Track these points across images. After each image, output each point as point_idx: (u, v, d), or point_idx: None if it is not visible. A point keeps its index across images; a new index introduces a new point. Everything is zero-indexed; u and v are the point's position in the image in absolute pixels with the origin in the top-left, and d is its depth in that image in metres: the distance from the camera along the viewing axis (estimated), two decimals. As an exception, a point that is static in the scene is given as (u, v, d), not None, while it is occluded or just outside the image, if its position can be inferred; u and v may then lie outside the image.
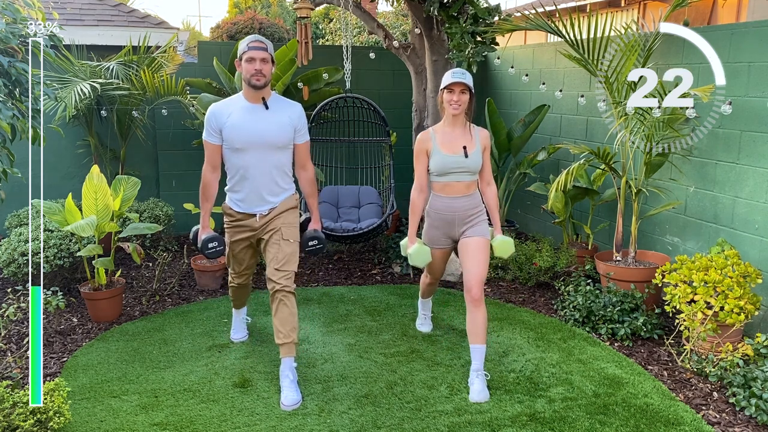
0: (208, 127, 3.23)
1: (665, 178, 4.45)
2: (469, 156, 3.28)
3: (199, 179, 3.43)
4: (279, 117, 3.21)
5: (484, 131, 3.40)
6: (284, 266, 3.18)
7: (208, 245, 3.26)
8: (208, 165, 3.30)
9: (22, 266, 4.19)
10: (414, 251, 3.38)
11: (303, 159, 3.39)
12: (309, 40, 5.17)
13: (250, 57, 3.12)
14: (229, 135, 3.18)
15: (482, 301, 3.19)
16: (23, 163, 3.50)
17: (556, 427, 2.87)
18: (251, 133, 3.16)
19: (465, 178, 3.33)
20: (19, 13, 2.93)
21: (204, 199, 3.34)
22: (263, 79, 3.13)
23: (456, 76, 3.20)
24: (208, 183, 3.32)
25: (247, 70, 3.13)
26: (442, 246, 3.47)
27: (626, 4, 10.03)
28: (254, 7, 16.82)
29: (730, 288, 3.38)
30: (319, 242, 3.35)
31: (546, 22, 4.22)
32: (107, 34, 6.15)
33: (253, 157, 3.19)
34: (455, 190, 3.35)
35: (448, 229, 3.40)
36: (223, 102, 3.26)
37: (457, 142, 3.30)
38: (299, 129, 3.29)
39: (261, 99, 3.20)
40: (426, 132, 3.37)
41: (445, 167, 3.29)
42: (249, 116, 3.18)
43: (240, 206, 3.29)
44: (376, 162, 6.03)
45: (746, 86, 3.81)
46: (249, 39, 3.18)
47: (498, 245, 3.41)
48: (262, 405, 3.06)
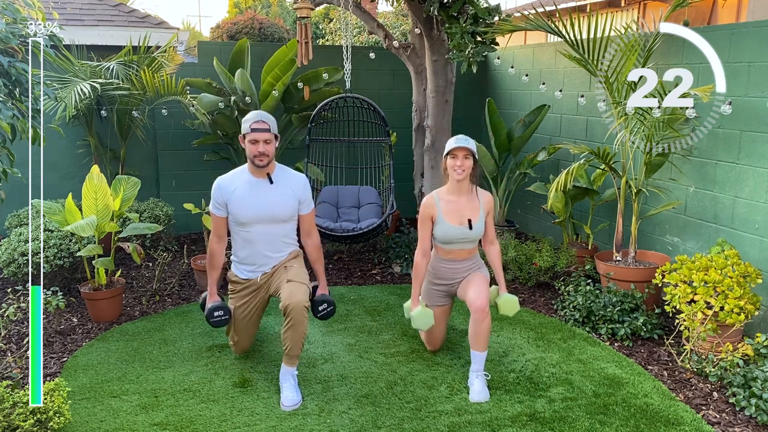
0: (213, 200, 3.27)
1: (665, 178, 4.45)
2: (474, 227, 3.30)
3: (199, 179, 3.44)
4: (283, 191, 3.25)
5: (488, 195, 3.41)
6: (296, 278, 3.18)
7: (214, 314, 3.28)
8: (214, 236, 3.34)
9: (22, 266, 4.19)
10: (417, 314, 3.37)
11: (308, 228, 3.42)
12: (309, 40, 5.17)
13: (253, 139, 3.14)
14: (234, 210, 3.22)
15: (488, 312, 3.18)
16: (23, 163, 3.50)
17: (556, 427, 2.87)
18: (256, 208, 3.20)
19: (468, 246, 3.38)
20: (19, 13, 2.93)
21: (211, 267, 3.39)
22: (266, 160, 3.17)
23: (459, 141, 3.22)
24: (214, 252, 3.36)
25: (251, 150, 3.16)
26: (441, 304, 3.51)
27: (626, 4, 10.03)
28: (254, 7, 16.82)
29: (730, 288, 3.38)
30: (329, 305, 3.35)
31: (546, 22, 4.22)
32: (107, 34, 6.15)
33: (258, 230, 3.24)
34: (458, 256, 3.40)
35: (448, 288, 3.46)
36: (229, 176, 3.29)
37: (463, 212, 3.31)
38: (303, 200, 3.33)
39: (266, 174, 3.24)
40: (430, 197, 3.37)
41: (450, 238, 3.32)
42: (253, 191, 3.22)
43: (245, 273, 3.33)
44: (376, 162, 6.03)
45: (746, 86, 3.81)
46: (252, 118, 3.18)
47: (503, 303, 3.40)
48: (262, 405, 3.06)
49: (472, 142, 3.26)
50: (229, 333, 3.52)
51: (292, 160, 5.87)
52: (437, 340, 3.61)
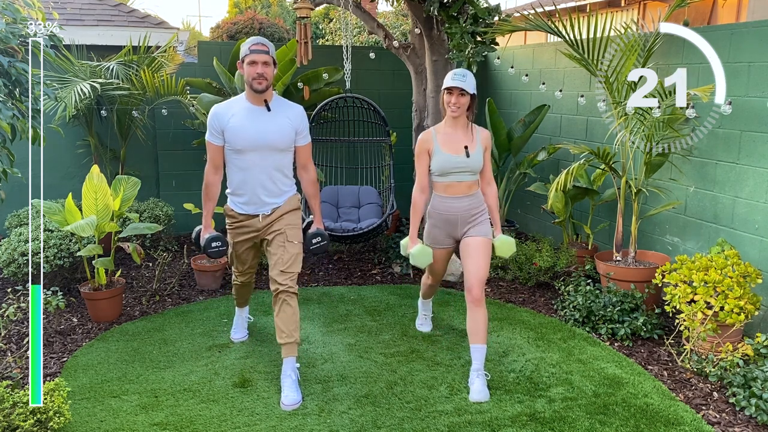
0: (210, 128, 3.23)
1: (665, 178, 4.45)
2: (471, 156, 3.28)
3: (199, 179, 3.43)
4: (280, 119, 3.22)
5: (485, 131, 3.40)
6: (289, 268, 3.18)
7: (212, 244, 3.26)
8: (210, 165, 3.30)
9: (22, 266, 4.19)
10: (416, 252, 3.38)
11: (304, 160, 3.39)
12: (309, 40, 5.17)
13: (252, 60, 3.11)
14: (230, 137, 3.18)
15: (483, 301, 3.19)
16: (23, 163, 3.50)
17: (556, 427, 2.87)
18: (253, 135, 3.16)
19: (467, 178, 3.33)
20: (19, 13, 2.94)
21: (206, 198, 3.35)
22: (265, 83, 3.14)
23: (456, 79, 3.20)
24: (210, 183, 3.32)
25: (249, 73, 3.12)
26: (443, 246, 3.47)
27: (626, 4, 10.03)
28: (254, 7, 16.82)
29: (730, 288, 3.38)
30: (323, 239, 3.35)
31: (546, 22, 4.21)
32: (107, 34, 6.15)
33: (255, 158, 3.20)
34: (457, 190, 3.35)
35: (450, 229, 3.40)
36: (226, 103, 3.26)
37: (459, 142, 3.30)
38: (300, 131, 3.29)
39: (263, 101, 3.20)
40: (427, 132, 3.37)
41: (447, 167, 3.29)
42: (251, 118, 3.18)
43: (242, 208, 3.29)
44: (376, 162, 6.03)
45: (746, 86, 3.81)
46: (251, 41, 3.17)
47: (499, 245, 3.42)
48: (262, 405, 3.06)
49: (470, 77, 3.22)
50: (232, 263, 3.53)
51: (292, 160, 5.87)
52: (438, 275, 3.66)
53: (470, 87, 3.22)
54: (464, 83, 3.19)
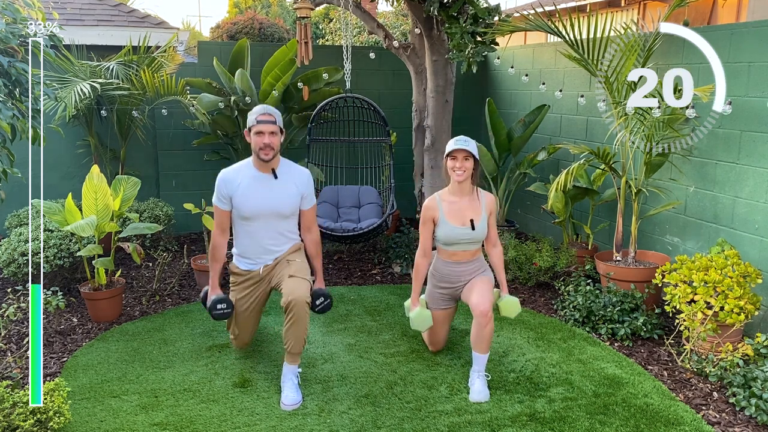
0: (217, 194, 3.27)
1: (665, 178, 4.45)
2: (476, 228, 3.30)
3: (199, 179, 3.44)
4: (287, 186, 3.26)
5: (490, 196, 3.41)
6: (298, 273, 3.19)
7: (217, 306, 3.27)
8: (217, 229, 3.34)
9: (22, 266, 4.19)
10: (415, 315, 3.38)
11: (309, 223, 3.44)
12: (309, 40, 5.17)
13: (258, 131, 3.15)
14: (238, 204, 3.23)
15: (491, 317, 3.17)
16: (23, 163, 3.50)
17: (556, 427, 2.87)
18: (260, 203, 3.21)
19: (471, 247, 3.37)
20: (19, 13, 2.94)
21: (213, 260, 3.39)
22: (272, 153, 3.17)
23: (459, 143, 3.22)
24: (217, 245, 3.36)
25: (256, 143, 3.16)
26: (444, 307, 3.50)
27: (626, 4, 10.02)
28: (254, 7, 16.82)
29: (730, 288, 3.38)
30: (326, 298, 3.34)
31: (546, 22, 4.21)
32: (107, 34, 6.15)
33: (261, 224, 3.25)
34: (461, 258, 3.39)
35: (452, 291, 3.44)
36: (233, 169, 3.30)
37: (465, 213, 3.30)
38: (306, 196, 3.34)
39: (270, 169, 3.24)
40: (432, 199, 3.37)
41: (452, 238, 3.31)
42: (258, 186, 3.22)
43: (246, 265, 3.34)
44: (376, 162, 6.03)
45: (746, 86, 3.81)
46: (258, 111, 3.19)
47: (504, 305, 3.41)
48: (262, 405, 3.06)
49: (473, 143, 3.26)
50: (230, 327, 3.52)
51: (292, 160, 5.86)
52: (439, 342, 3.61)
53: (474, 150, 3.23)
54: (468, 146, 3.20)
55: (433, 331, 3.52)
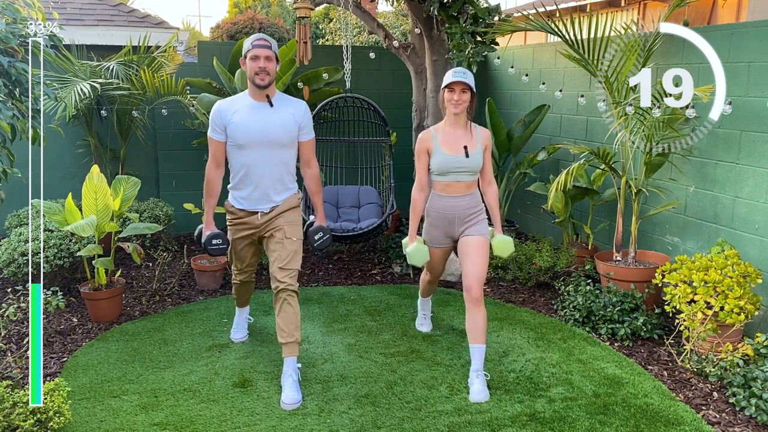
0: (212, 124, 3.23)
1: (665, 178, 4.45)
2: (470, 156, 3.28)
3: (199, 179, 3.44)
4: (283, 115, 3.22)
5: (486, 131, 3.40)
6: (288, 264, 3.19)
7: (212, 242, 3.27)
8: (212, 162, 3.31)
9: (22, 266, 4.19)
10: (412, 250, 3.40)
11: (308, 156, 3.40)
12: (309, 40, 5.17)
13: (254, 55, 3.12)
14: (233, 132, 3.19)
15: (482, 301, 3.19)
16: (23, 163, 3.50)
17: (556, 427, 2.87)
18: (255, 130, 3.17)
19: (465, 177, 3.33)
20: (19, 13, 2.93)
21: (208, 195, 3.37)
22: (267, 78, 3.14)
23: (457, 75, 3.20)
24: (212, 180, 3.33)
25: (252, 68, 3.13)
26: (441, 245, 3.48)
27: (626, 4, 10.03)
28: (254, 7, 16.82)
29: (730, 288, 3.38)
30: (324, 234, 3.35)
31: (546, 22, 4.21)
32: (107, 34, 6.15)
33: (257, 154, 3.20)
34: (456, 190, 3.35)
35: (448, 228, 3.40)
36: (229, 99, 3.27)
37: (459, 142, 3.30)
38: (304, 126, 3.30)
39: (266, 97, 3.21)
40: (427, 131, 3.37)
41: (446, 167, 3.29)
42: (254, 114, 3.19)
43: (242, 204, 3.30)
44: (376, 162, 6.03)
45: (746, 86, 3.81)
46: (253, 37, 3.18)
47: (497, 244, 3.42)
48: (262, 405, 3.06)
49: (470, 75, 3.23)
50: (231, 262, 3.54)
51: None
52: (437, 273, 3.67)
53: (472, 83, 3.23)
54: (466, 78, 3.20)
55: (430, 264, 3.55)
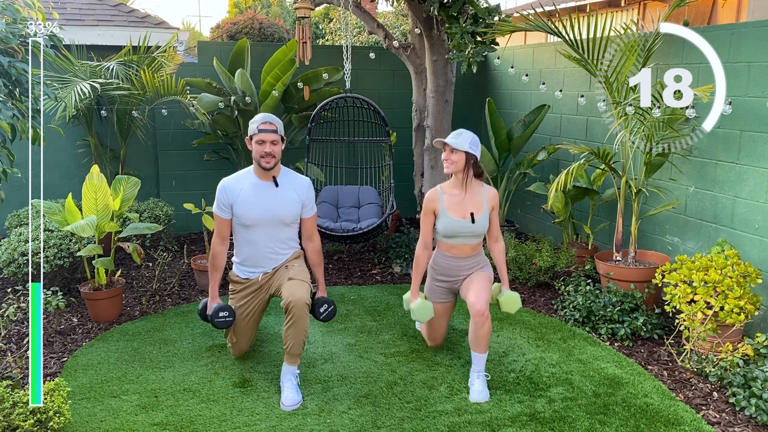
0: (218, 202, 3.28)
1: (665, 178, 4.45)
2: (477, 221, 3.29)
3: (199, 179, 3.44)
4: (288, 194, 3.28)
5: (492, 190, 3.40)
6: (297, 276, 3.20)
7: (219, 314, 3.27)
8: (217, 237, 3.35)
9: (22, 266, 4.19)
10: (417, 306, 3.38)
11: (310, 231, 3.45)
12: (309, 40, 5.17)
13: (260, 139, 3.17)
14: (239, 212, 3.24)
15: (488, 317, 3.16)
16: (23, 163, 3.50)
17: (556, 427, 2.87)
18: (261, 211, 3.22)
19: (471, 241, 3.36)
20: (19, 13, 2.93)
21: (213, 269, 3.40)
22: (273, 161, 3.19)
23: (450, 136, 3.24)
24: (217, 254, 3.37)
25: (257, 151, 3.18)
26: (443, 301, 3.49)
27: (626, 4, 10.02)
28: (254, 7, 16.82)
29: (730, 288, 3.38)
30: (329, 305, 3.35)
31: (545, 22, 4.21)
32: (107, 34, 6.15)
33: (262, 232, 3.26)
34: (461, 252, 3.38)
35: (451, 284, 3.44)
36: (234, 177, 3.31)
37: (465, 206, 3.30)
38: (307, 204, 3.35)
39: (271, 177, 3.26)
40: (434, 191, 3.38)
41: (452, 231, 3.31)
42: (259, 194, 3.24)
43: (247, 274, 3.35)
44: (376, 162, 6.04)
45: (746, 86, 3.81)
46: (259, 120, 3.20)
47: (504, 300, 3.40)
48: (262, 405, 3.06)
49: (465, 137, 3.23)
50: (228, 335, 3.52)
51: (292, 160, 5.87)
52: (438, 336, 3.61)
53: (461, 145, 3.21)
54: (456, 140, 3.21)
55: (432, 324, 3.52)
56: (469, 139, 3.24)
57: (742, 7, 8.46)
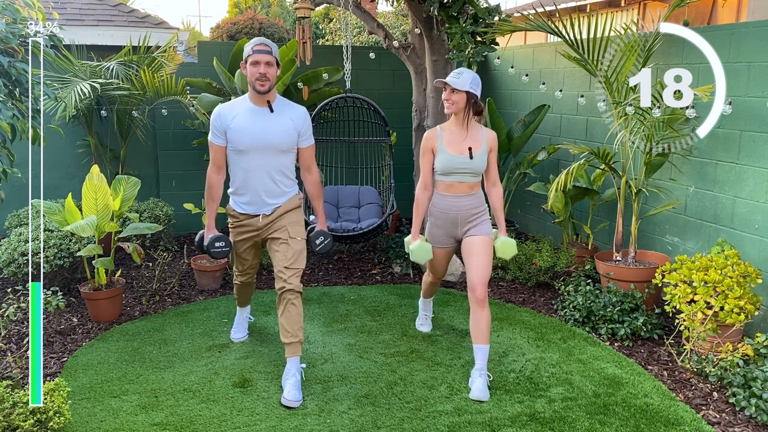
0: (213, 128, 3.24)
1: (665, 178, 4.45)
2: (474, 157, 3.28)
3: (199, 179, 3.44)
4: (283, 120, 3.23)
5: (491, 132, 3.39)
6: (293, 264, 3.19)
7: (215, 244, 3.27)
8: (213, 166, 3.31)
9: (22, 266, 4.19)
10: (415, 247, 3.40)
11: (308, 162, 3.41)
12: (309, 40, 5.17)
13: (254, 60, 3.12)
14: (233, 137, 3.19)
15: (486, 302, 3.19)
16: (23, 163, 3.50)
17: (556, 427, 2.87)
18: (255, 135, 3.18)
19: (469, 179, 3.34)
20: (19, 13, 2.93)
21: (210, 199, 3.37)
22: (267, 84, 3.14)
23: (451, 75, 3.23)
24: (213, 184, 3.34)
25: (252, 73, 3.13)
26: (444, 245, 3.47)
27: (626, 4, 10.03)
28: (254, 7, 16.82)
29: (730, 288, 3.38)
30: (325, 238, 3.36)
31: (546, 22, 4.21)
32: (107, 34, 6.15)
33: (257, 159, 3.21)
34: (459, 190, 3.35)
35: (450, 228, 3.40)
36: (229, 103, 3.27)
37: (464, 143, 3.30)
38: (303, 133, 3.31)
39: (266, 102, 3.21)
40: (433, 130, 3.38)
41: (450, 167, 3.29)
42: (253, 119, 3.19)
43: (244, 208, 3.31)
44: (376, 162, 6.04)
45: (746, 86, 3.81)
46: (254, 42, 3.18)
47: (500, 246, 3.41)
48: (262, 405, 3.06)
49: (465, 76, 3.21)
50: (233, 264, 3.54)
51: (292, 160, 5.87)
52: (439, 273, 3.66)
53: (462, 84, 3.21)
54: (457, 80, 3.20)
55: (433, 264, 3.55)
56: (470, 78, 3.23)
57: (742, 7, 8.46)
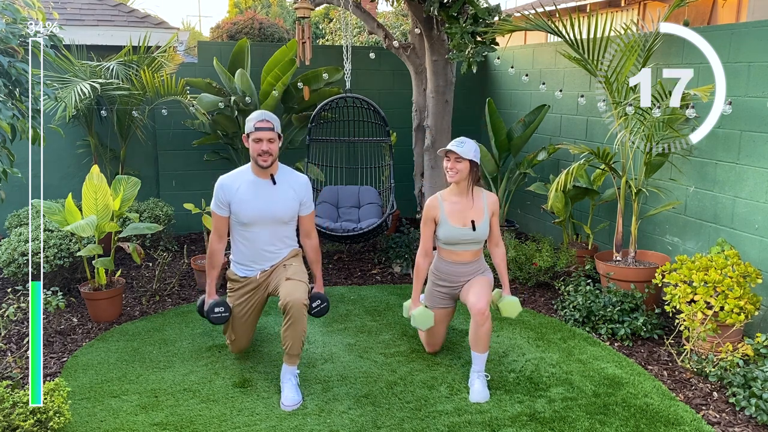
0: (216, 200, 3.27)
1: (665, 178, 4.45)
2: (478, 229, 3.28)
3: (199, 179, 3.44)
4: (286, 192, 3.27)
5: (493, 196, 3.39)
6: (295, 276, 3.19)
7: (215, 309, 3.27)
8: (215, 235, 3.34)
9: (22, 266, 4.19)
10: (418, 314, 3.37)
11: (308, 229, 3.45)
12: (309, 40, 5.17)
13: (257, 138, 3.15)
14: (236, 209, 3.23)
15: (488, 317, 3.16)
16: (23, 163, 3.50)
17: (556, 427, 2.87)
18: (258, 209, 3.22)
19: (472, 247, 3.36)
20: (19, 13, 2.93)
21: (210, 267, 3.39)
22: (270, 159, 3.17)
23: (452, 144, 3.22)
24: (214, 251, 3.36)
25: (254, 149, 3.16)
26: (443, 306, 3.49)
27: (626, 4, 10.02)
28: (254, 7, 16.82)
29: (730, 288, 3.38)
30: (323, 302, 3.34)
31: (546, 22, 4.21)
32: (107, 34, 6.15)
33: (259, 230, 3.26)
34: (462, 258, 3.37)
35: (451, 290, 3.43)
36: (232, 175, 3.30)
37: (466, 214, 3.29)
38: (305, 202, 3.35)
39: (269, 175, 3.25)
40: (434, 198, 3.37)
41: (453, 239, 3.31)
42: (257, 192, 3.23)
43: (244, 271, 3.35)
44: (376, 162, 6.04)
45: (746, 86, 3.81)
46: (255, 117, 3.19)
47: (504, 305, 3.40)
48: (262, 405, 3.06)
49: (469, 145, 3.23)
50: (226, 332, 3.52)
51: (292, 160, 5.87)
52: (437, 342, 3.60)
53: (467, 153, 3.20)
54: (461, 148, 3.19)
55: (431, 330, 3.51)
56: (473, 147, 3.25)
57: (742, 7, 8.46)
